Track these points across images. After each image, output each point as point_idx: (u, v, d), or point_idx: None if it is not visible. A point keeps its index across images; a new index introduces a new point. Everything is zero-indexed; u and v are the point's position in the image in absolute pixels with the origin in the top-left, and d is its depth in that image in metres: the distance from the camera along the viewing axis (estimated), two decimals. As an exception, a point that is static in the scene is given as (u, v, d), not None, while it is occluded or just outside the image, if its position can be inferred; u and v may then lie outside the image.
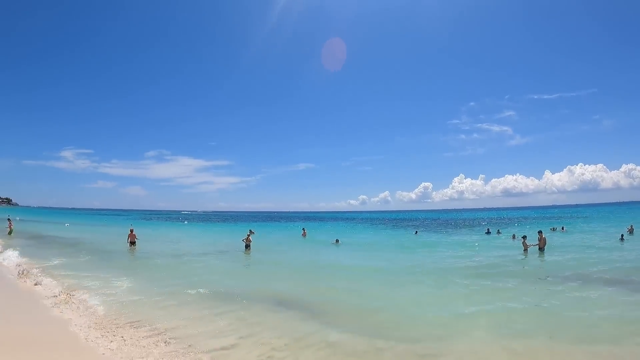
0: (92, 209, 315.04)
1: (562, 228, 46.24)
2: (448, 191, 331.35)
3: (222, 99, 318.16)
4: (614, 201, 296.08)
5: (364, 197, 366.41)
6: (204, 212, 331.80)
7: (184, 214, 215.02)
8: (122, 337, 9.06)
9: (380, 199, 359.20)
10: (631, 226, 38.93)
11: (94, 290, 14.43)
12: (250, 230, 32.62)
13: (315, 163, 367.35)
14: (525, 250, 25.82)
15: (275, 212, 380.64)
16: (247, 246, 29.35)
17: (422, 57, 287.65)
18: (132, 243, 30.81)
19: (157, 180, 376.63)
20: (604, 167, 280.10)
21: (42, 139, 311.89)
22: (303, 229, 46.44)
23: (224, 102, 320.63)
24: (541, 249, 25.53)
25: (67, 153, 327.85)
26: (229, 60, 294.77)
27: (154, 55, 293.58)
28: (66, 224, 67.33)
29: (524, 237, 27.22)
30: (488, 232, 44.72)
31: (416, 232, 50.85)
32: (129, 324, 10.17)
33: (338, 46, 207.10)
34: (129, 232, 31.61)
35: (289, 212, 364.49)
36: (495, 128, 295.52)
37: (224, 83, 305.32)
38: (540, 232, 26.71)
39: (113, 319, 10.59)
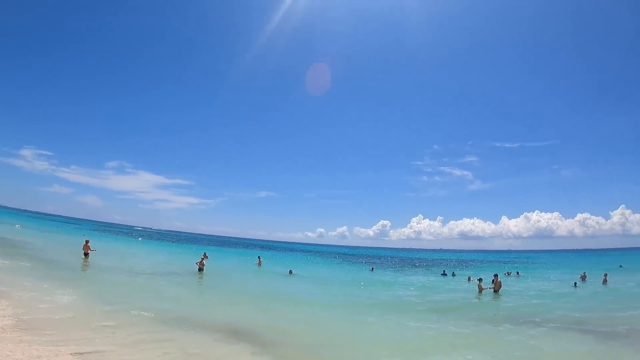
0: (45, 214, 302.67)
1: (517, 273, 46.62)
2: (406, 230, 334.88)
3: (190, 117, 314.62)
4: (568, 248, 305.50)
5: (322, 230, 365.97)
6: (158, 230, 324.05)
7: (138, 230, 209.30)
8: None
9: (337, 233, 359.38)
10: (584, 273, 39.56)
11: (20, 300, 13.30)
12: (204, 254, 31.63)
13: (276, 192, 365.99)
14: (480, 292, 25.87)
15: (232, 237, 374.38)
16: (200, 269, 28.93)
17: (389, 97, 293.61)
18: (86, 254, 29.51)
19: (115, 192, 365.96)
20: (560, 215, 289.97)
21: (2, 135, 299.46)
22: (258, 257, 45.56)
23: (191, 120, 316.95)
24: (496, 292, 25.66)
25: (26, 152, 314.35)
26: (202, 80, 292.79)
27: (129, 63, 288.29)
28: (17, 225, 64.31)
29: (480, 280, 27.40)
30: (444, 274, 44.71)
31: (372, 269, 50.51)
32: (29, 342, 8.99)
33: (316, 77, 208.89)
34: (84, 243, 30.36)
35: (246, 238, 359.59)
36: (457, 172, 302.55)
37: (194, 102, 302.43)
38: (496, 276, 27.08)
39: (13, 333, 9.46)
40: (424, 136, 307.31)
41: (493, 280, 26.60)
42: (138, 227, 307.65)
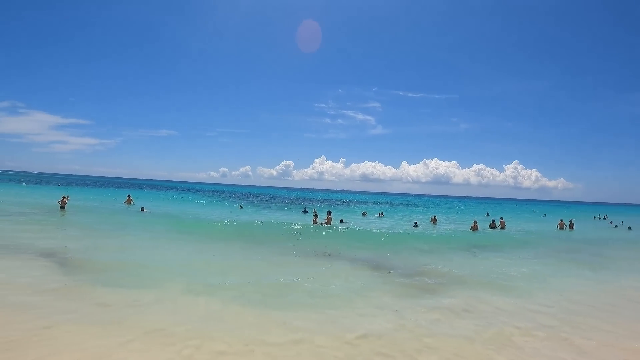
0: None
1: (380, 213, 49.17)
2: (308, 171, 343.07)
3: (83, 49, 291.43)
4: (463, 195, 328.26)
5: (225, 169, 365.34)
6: (46, 173, 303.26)
7: (28, 175, 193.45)
8: None
9: (240, 172, 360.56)
10: (434, 217, 42.29)
11: None
12: (65, 196, 34.29)
13: (177, 130, 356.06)
14: (314, 224, 29.48)
15: (131, 178, 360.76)
16: (62, 207, 31.84)
17: (297, 39, 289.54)
18: None
19: (5, 135, 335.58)
20: (457, 164, 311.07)
21: None
22: (128, 195, 45.09)
23: (85, 53, 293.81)
24: (330, 225, 29.17)
25: None
26: (90, 5, 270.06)
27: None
28: None
29: (316, 215, 29.72)
30: (305, 212, 46.80)
31: (240, 206, 52.04)
32: None
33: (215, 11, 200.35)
34: None
35: (145, 179, 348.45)
36: (360, 116, 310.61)
37: (87, 31, 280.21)
38: (329, 212, 30.52)
39: None
40: (328, 78, 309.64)
41: (327, 218, 29.36)
42: (34, 172, 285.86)
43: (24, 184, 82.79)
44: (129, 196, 44.54)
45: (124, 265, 13.84)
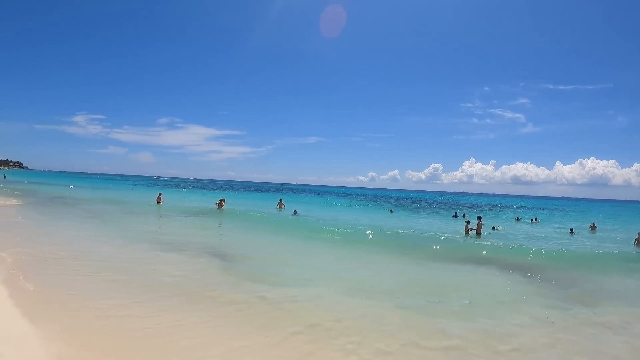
0: (101, 174, 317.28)
1: (535, 219, 46.24)
2: (457, 174, 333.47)
3: (235, 67, 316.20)
4: (623, 199, 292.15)
5: (373, 174, 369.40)
6: (202, 179, 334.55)
7: (186, 181, 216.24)
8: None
9: (389, 177, 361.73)
10: (593, 223, 39.18)
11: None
12: (222, 199, 39.09)
13: (325, 137, 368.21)
14: (467, 233, 27.11)
15: (282, 183, 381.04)
16: (219, 208, 36.92)
17: (438, 38, 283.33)
18: (158, 202, 40.75)
19: (167, 147, 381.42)
20: (616, 163, 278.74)
21: (55, 104, 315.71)
22: (280, 199, 47.33)
23: (236, 71, 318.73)
24: (478, 234, 26.88)
25: (79, 118, 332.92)
26: (242, 28, 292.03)
27: (167, 20, 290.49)
28: (70, 187, 69.97)
29: (468, 222, 28.62)
30: (455, 216, 45.79)
31: (391, 210, 52.16)
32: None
33: (352, 21, 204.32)
34: (158, 195, 42.48)
35: (296, 184, 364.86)
36: (508, 114, 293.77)
37: (238, 52, 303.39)
38: (479, 218, 28.60)
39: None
40: (473, 77, 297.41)
41: (477, 224, 27.73)
42: (190, 178, 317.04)
43: (184, 190, 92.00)
44: (280, 200, 46.52)
45: (280, 265, 15.07)
